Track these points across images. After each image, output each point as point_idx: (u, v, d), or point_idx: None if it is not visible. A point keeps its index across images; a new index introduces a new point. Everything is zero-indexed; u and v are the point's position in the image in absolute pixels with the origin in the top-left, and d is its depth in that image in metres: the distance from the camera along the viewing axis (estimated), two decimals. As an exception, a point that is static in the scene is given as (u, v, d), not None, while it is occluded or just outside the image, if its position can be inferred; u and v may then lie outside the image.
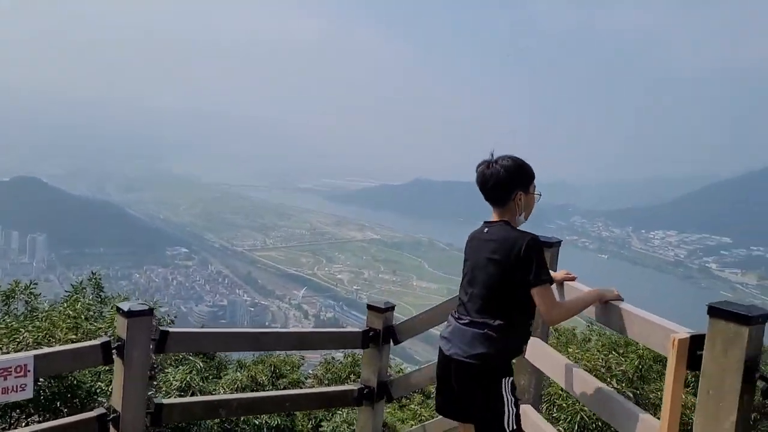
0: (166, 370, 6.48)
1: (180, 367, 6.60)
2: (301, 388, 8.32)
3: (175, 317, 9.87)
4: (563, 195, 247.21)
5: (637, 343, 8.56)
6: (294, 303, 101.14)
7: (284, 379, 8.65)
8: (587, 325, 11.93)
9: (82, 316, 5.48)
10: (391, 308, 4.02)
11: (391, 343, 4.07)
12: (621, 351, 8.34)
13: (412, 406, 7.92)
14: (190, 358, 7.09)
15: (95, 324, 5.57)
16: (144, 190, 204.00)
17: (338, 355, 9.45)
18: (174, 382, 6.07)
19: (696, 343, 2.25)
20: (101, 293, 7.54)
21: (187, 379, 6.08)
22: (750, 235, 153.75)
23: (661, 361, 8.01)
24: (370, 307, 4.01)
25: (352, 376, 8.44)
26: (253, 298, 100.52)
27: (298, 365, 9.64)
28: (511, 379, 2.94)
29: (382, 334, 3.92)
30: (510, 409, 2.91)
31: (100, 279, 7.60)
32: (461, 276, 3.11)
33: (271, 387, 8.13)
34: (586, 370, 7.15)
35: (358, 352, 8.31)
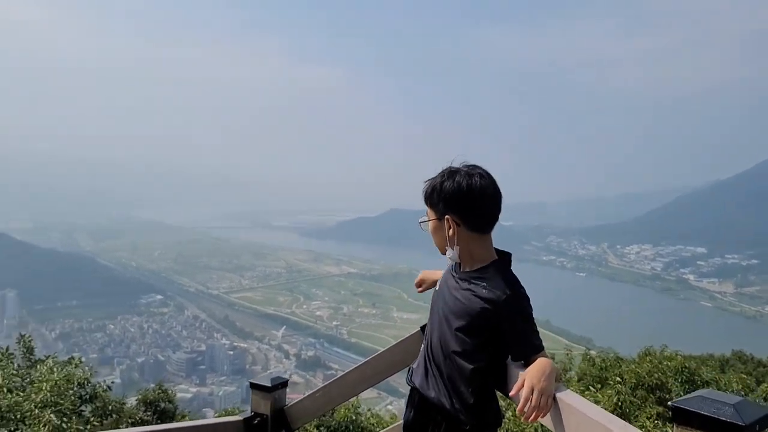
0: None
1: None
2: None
3: (112, 385, 8.88)
4: (537, 216, 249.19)
5: (619, 376, 7.59)
6: (274, 343, 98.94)
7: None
8: (565, 353, 10.92)
9: (4, 389, 5.20)
10: (282, 384, 3.07)
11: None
12: (598, 387, 7.60)
13: None
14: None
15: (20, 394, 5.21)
16: (116, 239, 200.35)
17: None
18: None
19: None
20: (31, 356, 7.02)
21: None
22: (724, 244, 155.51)
23: (644, 385, 7.07)
24: (253, 386, 3.04)
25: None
26: (232, 341, 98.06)
27: None
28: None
29: (270, 421, 2.97)
30: None
31: (30, 341, 7.17)
32: None
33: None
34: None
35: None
